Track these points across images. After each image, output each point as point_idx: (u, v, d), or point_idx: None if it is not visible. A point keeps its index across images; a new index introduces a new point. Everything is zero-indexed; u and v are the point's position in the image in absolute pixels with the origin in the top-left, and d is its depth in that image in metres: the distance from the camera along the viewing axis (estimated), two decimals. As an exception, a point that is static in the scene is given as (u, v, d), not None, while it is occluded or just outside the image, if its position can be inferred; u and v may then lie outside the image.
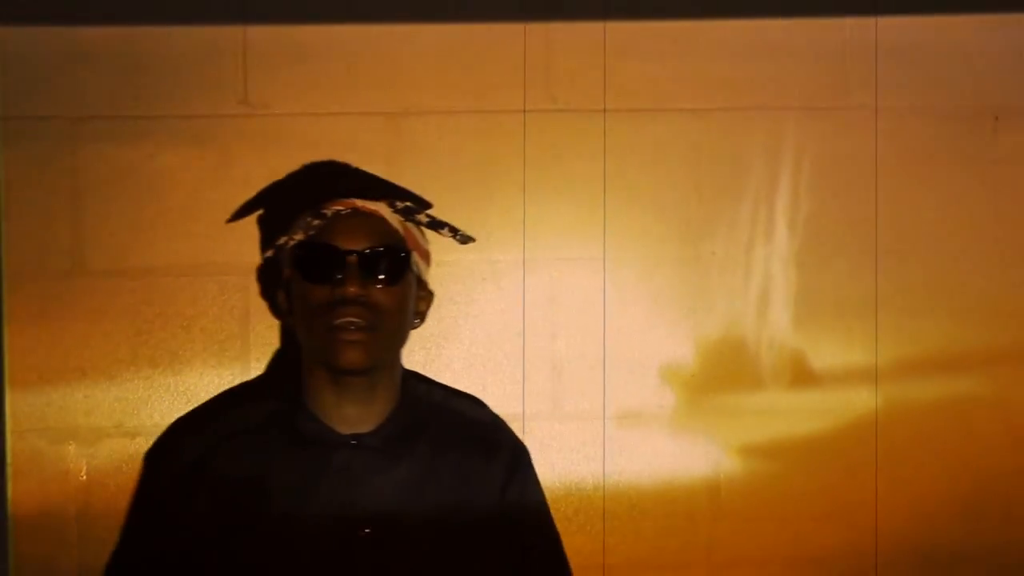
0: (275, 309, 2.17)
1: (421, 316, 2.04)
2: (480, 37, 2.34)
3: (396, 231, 1.95)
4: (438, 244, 2.12)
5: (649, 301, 2.38)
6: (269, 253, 2.00)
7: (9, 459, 2.25)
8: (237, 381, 2.28)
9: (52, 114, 2.26)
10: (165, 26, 2.27)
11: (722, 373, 2.40)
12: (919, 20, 2.42)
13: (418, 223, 2.01)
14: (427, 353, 2.31)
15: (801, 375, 2.41)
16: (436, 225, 2.03)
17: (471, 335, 2.33)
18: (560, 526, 2.11)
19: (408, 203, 1.99)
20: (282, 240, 1.95)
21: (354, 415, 1.93)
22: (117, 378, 2.28)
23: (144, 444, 2.27)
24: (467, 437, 2.01)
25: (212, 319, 2.29)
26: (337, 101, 2.31)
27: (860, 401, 2.41)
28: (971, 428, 2.45)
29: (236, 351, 2.29)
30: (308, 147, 2.30)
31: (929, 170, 2.43)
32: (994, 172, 2.44)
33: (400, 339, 1.97)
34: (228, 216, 2.27)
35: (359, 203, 1.94)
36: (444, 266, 2.26)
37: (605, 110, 2.36)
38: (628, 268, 2.37)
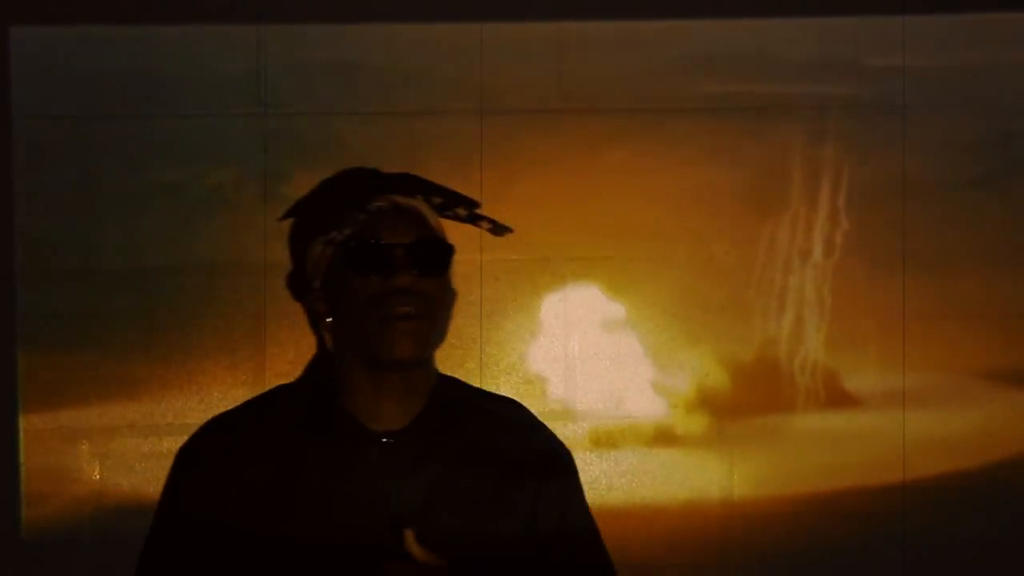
0: (311, 311, 2.13)
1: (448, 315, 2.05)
2: (492, 37, 2.34)
3: (433, 225, 1.97)
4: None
5: (666, 301, 2.38)
6: (318, 247, 1.99)
7: (22, 459, 2.25)
8: (251, 381, 2.28)
9: (64, 114, 2.25)
10: (178, 25, 2.27)
11: (737, 372, 2.39)
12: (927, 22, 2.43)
13: (457, 217, 2.03)
14: (439, 353, 2.30)
15: (820, 374, 2.41)
16: (474, 219, 2.04)
17: (485, 335, 2.32)
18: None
19: (443, 199, 2.01)
20: (332, 235, 1.96)
21: (389, 411, 1.93)
22: (130, 378, 2.28)
23: (157, 443, 2.27)
24: (501, 440, 2.00)
25: (226, 319, 2.29)
26: (351, 100, 2.30)
27: (885, 401, 2.41)
28: (991, 429, 2.44)
29: (250, 351, 2.29)
30: (324, 146, 2.30)
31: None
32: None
33: (441, 334, 1.98)
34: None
35: (398, 199, 1.96)
36: (457, 265, 2.25)
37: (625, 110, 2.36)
38: (643, 269, 2.37)
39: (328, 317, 1.96)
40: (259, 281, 2.28)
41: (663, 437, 2.38)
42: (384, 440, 1.92)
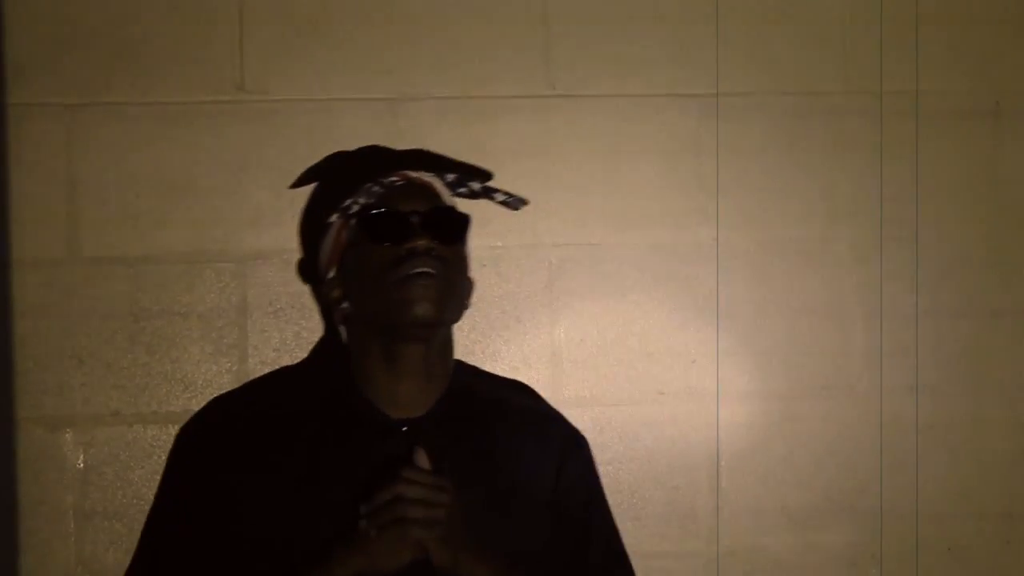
0: (320, 293, 2.11)
1: (465, 304, 2.03)
2: (478, 21, 2.33)
3: (446, 201, 1.98)
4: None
5: (651, 288, 2.37)
6: (333, 217, 1.99)
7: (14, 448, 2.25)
8: (235, 369, 2.27)
9: (47, 101, 2.24)
10: (160, 11, 2.26)
11: (723, 360, 2.39)
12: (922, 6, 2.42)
13: (471, 192, 2.02)
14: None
15: (801, 363, 2.40)
16: (488, 193, 2.03)
17: (470, 322, 2.30)
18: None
19: (456, 175, 2.01)
20: (347, 203, 1.95)
21: (407, 394, 1.91)
22: (114, 366, 2.27)
23: (142, 432, 2.26)
24: (518, 424, 2.00)
25: (209, 306, 2.28)
26: (334, 87, 2.29)
27: (864, 390, 2.40)
28: (975, 420, 2.44)
29: (233, 338, 2.28)
30: (306, 133, 2.29)
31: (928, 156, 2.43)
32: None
33: (458, 308, 1.96)
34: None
35: (411, 174, 1.97)
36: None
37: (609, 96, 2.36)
38: (629, 255, 2.36)
39: (344, 302, 1.95)
40: (242, 268, 2.28)
41: (650, 424, 2.37)
42: (403, 429, 1.90)
